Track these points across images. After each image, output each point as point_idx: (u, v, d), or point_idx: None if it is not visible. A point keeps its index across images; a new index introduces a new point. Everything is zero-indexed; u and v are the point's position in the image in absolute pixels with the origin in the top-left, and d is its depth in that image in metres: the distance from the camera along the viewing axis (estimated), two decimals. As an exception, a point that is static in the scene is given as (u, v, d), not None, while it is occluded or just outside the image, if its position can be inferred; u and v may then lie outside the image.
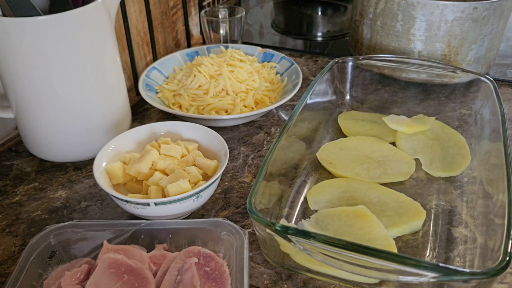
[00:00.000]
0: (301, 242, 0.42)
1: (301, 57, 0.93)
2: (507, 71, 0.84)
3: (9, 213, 0.57)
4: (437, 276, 0.39)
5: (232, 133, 0.71)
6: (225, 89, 0.72)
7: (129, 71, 0.81)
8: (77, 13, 0.55)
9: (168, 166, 0.55)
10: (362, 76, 0.74)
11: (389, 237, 0.50)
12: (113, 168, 0.55)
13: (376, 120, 0.70)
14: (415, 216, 0.53)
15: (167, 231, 0.49)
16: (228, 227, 0.48)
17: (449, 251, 0.50)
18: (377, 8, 0.78)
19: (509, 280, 0.48)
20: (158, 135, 0.61)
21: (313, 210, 0.56)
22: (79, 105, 0.60)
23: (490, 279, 0.38)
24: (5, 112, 0.62)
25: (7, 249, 0.52)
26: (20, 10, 0.54)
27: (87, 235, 0.48)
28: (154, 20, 0.88)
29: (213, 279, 0.44)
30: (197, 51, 0.84)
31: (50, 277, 0.45)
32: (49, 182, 0.62)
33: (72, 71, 0.57)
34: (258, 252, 0.51)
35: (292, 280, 0.48)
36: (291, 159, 0.61)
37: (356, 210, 0.53)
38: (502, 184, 0.48)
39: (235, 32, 0.91)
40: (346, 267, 0.43)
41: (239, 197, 0.59)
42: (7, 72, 0.57)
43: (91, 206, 0.58)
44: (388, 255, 0.40)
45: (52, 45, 0.54)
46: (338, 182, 0.59)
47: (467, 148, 0.64)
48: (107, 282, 0.42)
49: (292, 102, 0.78)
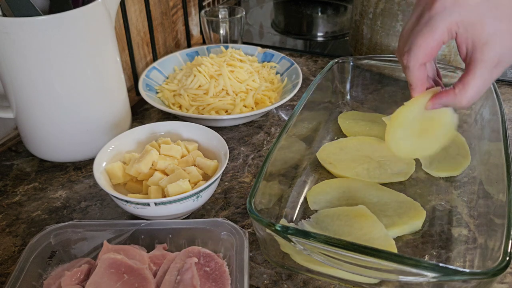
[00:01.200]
0: (301, 242, 0.42)
1: (301, 57, 0.93)
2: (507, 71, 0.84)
3: (9, 213, 0.57)
4: (437, 276, 0.39)
5: (232, 133, 0.71)
6: (225, 89, 0.72)
7: (129, 71, 0.81)
8: (77, 13, 0.55)
9: (168, 166, 0.55)
10: (362, 76, 0.74)
11: (389, 237, 0.50)
12: (113, 168, 0.55)
13: (376, 120, 0.70)
14: (415, 216, 0.53)
15: (167, 231, 0.49)
16: (228, 227, 0.48)
17: (449, 251, 0.50)
18: (377, 8, 0.78)
19: (509, 280, 0.48)
20: (158, 135, 0.61)
21: (313, 210, 0.56)
22: (79, 105, 0.60)
23: (490, 279, 0.38)
24: (5, 112, 0.62)
25: (7, 249, 0.52)
26: (20, 10, 0.54)
27: (87, 235, 0.48)
28: (154, 20, 0.88)
29: (213, 279, 0.44)
30: (197, 51, 0.84)
31: (50, 277, 0.45)
32: (49, 182, 0.62)
33: (72, 71, 0.57)
34: (258, 252, 0.51)
35: (292, 280, 0.48)
36: (291, 159, 0.61)
37: (356, 210, 0.53)
38: (502, 184, 0.48)
39: (235, 32, 0.91)
40: (346, 267, 0.43)
41: (239, 197, 0.59)
42: (7, 72, 0.57)
43: (91, 206, 0.58)
44: (388, 255, 0.40)
45: (52, 45, 0.54)
46: (338, 182, 0.59)
47: (467, 148, 0.64)
48: (107, 282, 0.42)
49: (292, 102, 0.78)
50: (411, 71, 0.45)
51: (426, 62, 0.45)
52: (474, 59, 0.42)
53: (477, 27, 0.41)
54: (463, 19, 0.41)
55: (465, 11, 0.41)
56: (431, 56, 0.44)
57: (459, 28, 0.42)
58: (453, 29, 0.42)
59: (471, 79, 0.43)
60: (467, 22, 0.41)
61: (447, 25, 0.42)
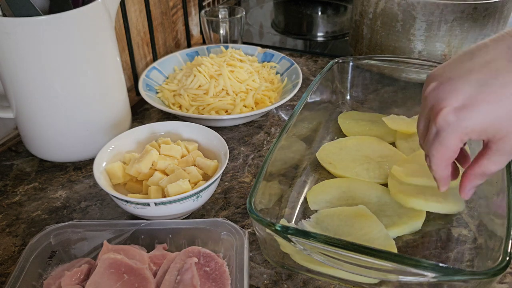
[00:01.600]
0: (301, 242, 0.42)
1: (301, 57, 0.93)
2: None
3: (9, 213, 0.57)
4: (437, 276, 0.39)
5: (232, 133, 0.71)
6: (225, 89, 0.72)
7: (129, 71, 0.81)
8: (77, 13, 0.55)
9: (168, 166, 0.55)
10: (362, 76, 0.74)
11: (389, 237, 0.50)
12: (113, 168, 0.55)
13: (376, 120, 0.70)
14: (415, 216, 0.53)
15: (167, 231, 0.49)
16: (228, 227, 0.48)
17: (449, 251, 0.50)
18: (377, 8, 0.78)
19: (509, 280, 0.48)
20: (158, 135, 0.61)
21: (313, 210, 0.56)
22: (79, 105, 0.60)
23: (490, 279, 0.38)
24: (5, 112, 0.62)
25: (7, 249, 0.52)
26: (20, 10, 0.54)
27: (87, 235, 0.48)
28: (154, 20, 0.88)
29: (213, 279, 0.44)
30: (197, 51, 0.84)
31: (50, 277, 0.45)
32: (49, 182, 0.62)
33: (72, 71, 0.57)
34: (258, 252, 0.51)
35: (292, 280, 0.48)
36: (291, 159, 0.61)
37: (356, 210, 0.53)
38: (502, 184, 0.48)
39: (235, 32, 0.91)
40: (346, 267, 0.43)
41: (239, 197, 0.59)
42: (7, 72, 0.57)
43: (91, 206, 0.58)
44: (388, 255, 0.40)
45: (52, 45, 0.54)
46: (338, 182, 0.59)
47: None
48: (107, 282, 0.42)
49: (292, 102, 0.78)
50: (436, 172, 0.45)
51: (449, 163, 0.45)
52: (491, 148, 0.42)
53: (490, 131, 0.40)
54: (472, 129, 0.40)
55: (472, 123, 0.40)
56: (451, 160, 0.44)
57: (470, 135, 0.41)
58: (465, 138, 0.41)
59: (489, 164, 0.43)
60: (477, 131, 0.40)
61: (456, 138, 0.41)
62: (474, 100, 0.39)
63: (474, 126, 0.40)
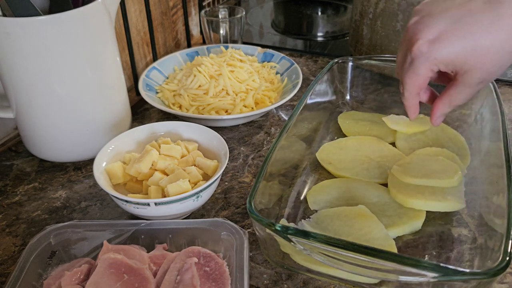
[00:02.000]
0: (301, 242, 0.42)
1: (301, 57, 0.93)
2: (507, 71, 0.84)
3: (9, 213, 0.57)
4: (437, 276, 0.39)
5: (232, 133, 0.71)
6: (225, 89, 0.72)
7: (129, 71, 0.81)
8: (77, 13, 0.55)
9: (168, 166, 0.55)
10: (362, 76, 0.74)
11: (389, 237, 0.50)
12: (113, 168, 0.55)
13: (376, 120, 0.70)
14: (415, 216, 0.53)
15: (167, 231, 0.49)
16: (228, 227, 0.48)
17: (449, 251, 0.50)
18: (377, 8, 0.78)
19: (509, 280, 0.48)
20: (158, 135, 0.61)
21: (313, 210, 0.55)
22: (79, 105, 0.60)
23: (490, 279, 0.38)
24: (5, 112, 0.62)
25: (7, 249, 0.52)
26: (20, 10, 0.54)
27: (87, 235, 0.48)
28: (154, 20, 0.88)
29: (213, 279, 0.44)
30: (197, 51, 0.84)
31: (50, 277, 0.45)
32: (49, 182, 0.62)
33: (72, 71, 0.57)
34: (258, 252, 0.51)
35: (292, 280, 0.48)
36: (291, 159, 0.61)
37: (356, 210, 0.53)
38: (502, 184, 0.48)
39: (235, 32, 0.91)
40: (346, 267, 0.43)
41: (239, 197, 0.59)
42: (7, 72, 0.57)
43: (91, 206, 0.58)
44: (388, 255, 0.40)
45: (52, 45, 0.54)
46: (338, 182, 0.59)
47: (467, 148, 0.63)
48: (107, 282, 0.42)
49: (292, 102, 0.78)
50: (407, 99, 0.50)
51: (419, 92, 0.49)
52: (457, 79, 0.46)
53: (456, 63, 0.44)
54: (441, 60, 0.44)
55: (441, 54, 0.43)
56: (421, 88, 0.48)
57: (439, 66, 0.45)
58: (434, 68, 0.45)
59: (455, 94, 0.47)
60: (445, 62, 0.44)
61: (427, 67, 0.45)
62: (446, 34, 0.43)
63: (442, 57, 0.44)
